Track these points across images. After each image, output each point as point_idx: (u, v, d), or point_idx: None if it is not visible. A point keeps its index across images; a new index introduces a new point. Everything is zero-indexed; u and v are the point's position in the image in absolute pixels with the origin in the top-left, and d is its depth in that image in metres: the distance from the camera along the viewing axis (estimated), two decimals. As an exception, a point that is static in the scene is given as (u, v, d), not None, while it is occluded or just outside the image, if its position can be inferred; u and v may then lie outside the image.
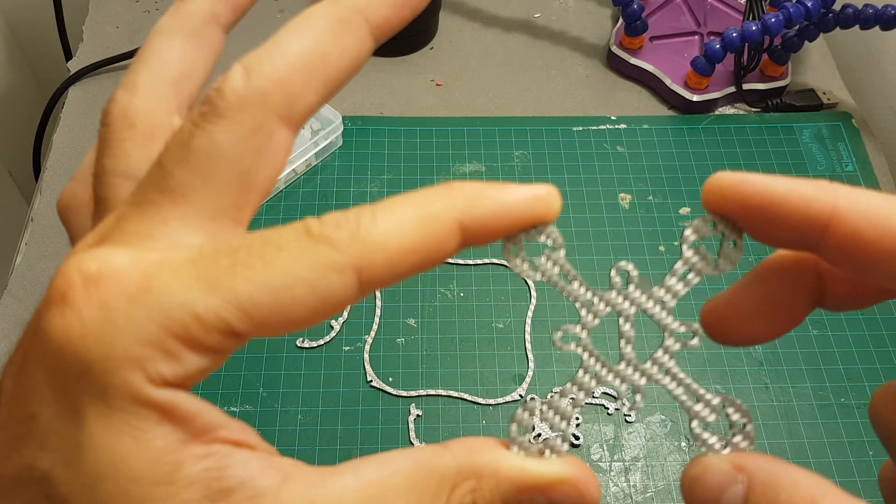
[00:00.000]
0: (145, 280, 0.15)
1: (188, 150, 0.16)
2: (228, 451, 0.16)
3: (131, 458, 0.15)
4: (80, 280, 0.15)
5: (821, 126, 0.61)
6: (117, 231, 0.17)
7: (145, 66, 0.20)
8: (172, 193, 0.16)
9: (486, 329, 0.51)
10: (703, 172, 0.59)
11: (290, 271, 0.15)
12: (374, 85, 0.63)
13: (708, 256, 0.19)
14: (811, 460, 0.46)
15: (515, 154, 0.59)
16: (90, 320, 0.15)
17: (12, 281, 0.53)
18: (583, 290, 0.19)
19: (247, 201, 0.17)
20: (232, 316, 0.15)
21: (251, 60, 0.17)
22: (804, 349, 0.50)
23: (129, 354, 0.15)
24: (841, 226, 0.17)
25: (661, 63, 0.63)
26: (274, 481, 0.16)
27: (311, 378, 0.48)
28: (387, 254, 0.16)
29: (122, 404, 0.15)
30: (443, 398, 0.48)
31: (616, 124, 0.61)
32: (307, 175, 0.57)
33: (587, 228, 0.55)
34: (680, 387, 0.19)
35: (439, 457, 0.17)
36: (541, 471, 0.18)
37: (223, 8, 0.20)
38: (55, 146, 0.59)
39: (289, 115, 0.17)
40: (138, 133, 0.19)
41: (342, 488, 0.16)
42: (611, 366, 0.19)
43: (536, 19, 0.69)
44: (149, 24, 0.66)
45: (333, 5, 0.17)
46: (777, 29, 0.56)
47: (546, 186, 0.18)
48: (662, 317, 0.19)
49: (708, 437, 0.19)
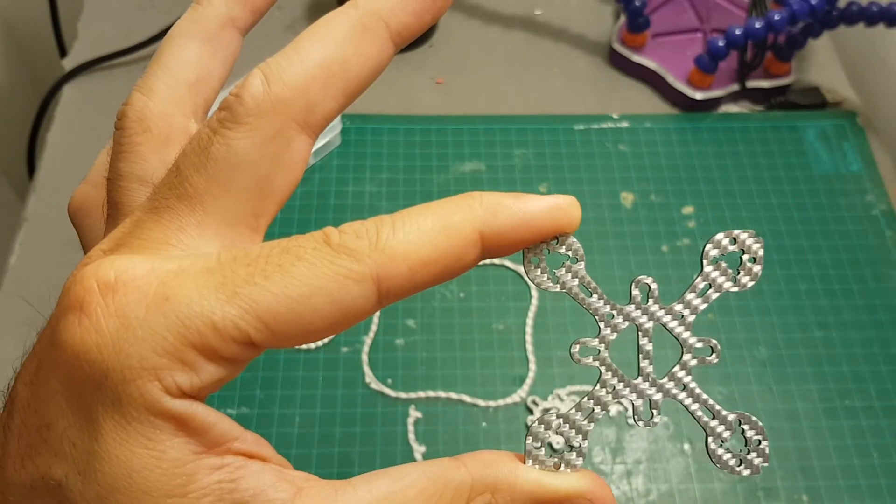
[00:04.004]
0: (163, 288, 0.15)
1: (206, 156, 0.16)
2: (242, 462, 0.16)
3: (145, 469, 0.15)
4: (98, 288, 0.15)
5: (825, 124, 0.61)
6: (134, 237, 0.16)
7: (162, 70, 0.20)
8: (190, 200, 0.16)
9: (487, 330, 0.50)
10: (707, 171, 0.58)
11: (308, 281, 0.15)
12: (373, 83, 0.62)
13: (728, 272, 0.19)
14: (815, 463, 0.46)
15: (516, 153, 0.58)
16: (107, 329, 0.15)
17: (6, 281, 0.52)
18: (602, 304, 0.19)
19: (264, 208, 0.17)
20: (250, 326, 0.15)
21: (271, 67, 0.17)
22: (808, 351, 0.50)
23: (146, 364, 0.15)
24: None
25: (663, 60, 0.62)
26: (287, 494, 0.16)
27: (309, 380, 0.48)
28: (408, 264, 0.16)
29: (137, 415, 0.15)
30: (442, 400, 0.47)
31: (618, 122, 0.60)
32: (306, 175, 0.57)
33: (589, 228, 0.55)
34: (696, 403, 0.19)
35: (454, 470, 0.17)
36: (557, 485, 0.18)
37: (240, 11, 0.20)
38: (49, 145, 0.59)
39: (307, 122, 0.17)
40: (154, 137, 0.19)
41: (356, 502, 0.16)
42: (628, 380, 0.19)
43: (537, 16, 0.68)
44: (145, 21, 0.66)
45: (354, 11, 0.17)
46: (781, 26, 0.55)
47: (567, 197, 0.18)
48: (681, 332, 0.19)
49: (723, 454, 0.19)
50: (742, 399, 0.48)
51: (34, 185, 0.57)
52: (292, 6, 0.67)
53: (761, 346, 0.50)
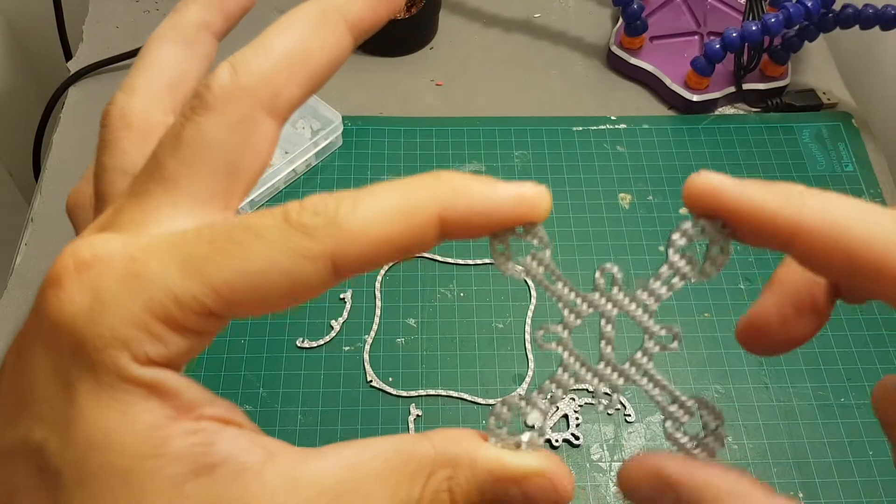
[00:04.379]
0: (132, 264, 0.16)
1: (179, 140, 0.17)
2: (216, 428, 0.16)
3: (120, 431, 0.15)
4: (74, 265, 0.16)
5: (821, 126, 0.61)
6: (114, 221, 0.18)
7: (142, 71, 0.21)
8: (165, 182, 0.17)
9: (486, 329, 0.51)
10: (703, 172, 0.59)
11: (264, 257, 0.16)
12: (373, 85, 0.63)
13: (694, 261, 0.19)
14: (811, 460, 0.46)
15: (515, 154, 0.59)
16: (81, 302, 0.16)
17: (12, 281, 0.53)
18: (566, 291, 0.19)
19: (235, 189, 0.18)
20: (209, 299, 0.16)
21: (237, 58, 0.18)
22: (804, 349, 0.50)
23: (116, 334, 0.16)
24: (803, 241, 0.17)
25: (661, 63, 0.63)
26: (258, 458, 0.16)
27: (310, 378, 0.48)
28: (364, 242, 0.16)
29: (109, 381, 0.16)
30: (443, 398, 0.48)
31: (616, 124, 0.61)
32: (307, 175, 0.57)
33: (587, 228, 0.55)
34: (656, 388, 0.20)
35: (418, 444, 0.18)
36: (517, 463, 0.18)
37: (215, 17, 0.22)
38: (55, 146, 0.59)
39: (273, 107, 0.18)
40: (135, 132, 0.20)
41: (323, 468, 0.17)
42: (590, 365, 0.20)
43: (536, 19, 0.69)
44: (149, 24, 0.66)
45: (313, 5, 0.19)
46: (777, 29, 0.56)
47: (535, 186, 0.18)
48: (644, 319, 0.19)
49: (680, 437, 0.19)
50: (738, 396, 0.48)
51: (40, 186, 0.57)
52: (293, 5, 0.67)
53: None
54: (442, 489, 0.17)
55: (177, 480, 0.16)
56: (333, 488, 0.16)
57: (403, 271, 0.53)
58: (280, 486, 0.16)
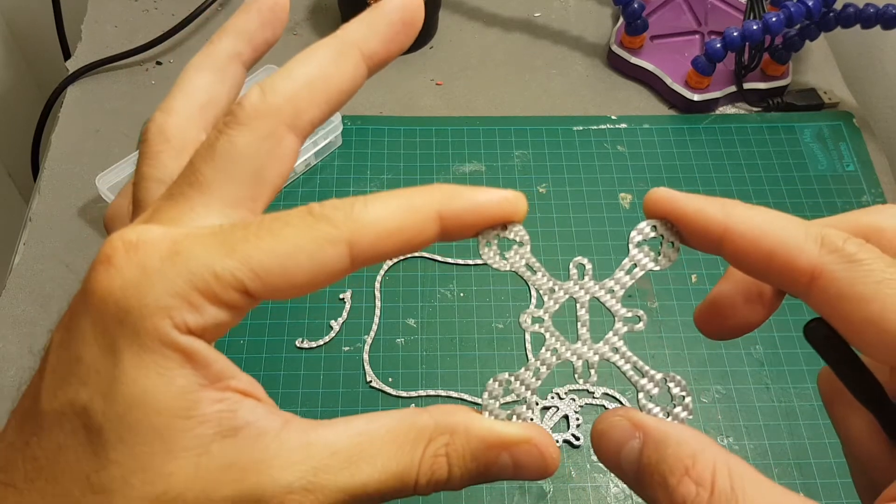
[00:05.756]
0: (175, 245, 0.18)
1: (213, 150, 0.20)
2: (239, 398, 0.19)
3: (157, 391, 0.18)
4: (122, 246, 0.18)
5: (822, 126, 0.61)
6: (153, 217, 0.20)
7: (179, 94, 0.24)
8: (200, 186, 0.20)
9: (486, 329, 0.51)
10: (704, 172, 0.59)
11: (293, 242, 0.18)
12: (373, 84, 0.63)
13: (650, 254, 0.22)
14: (812, 461, 0.46)
15: (515, 154, 0.59)
16: (129, 276, 0.18)
17: (10, 281, 0.52)
18: (545, 280, 0.23)
19: (260, 194, 0.20)
20: (245, 276, 0.18)
21: (266, 82, 0.21)
22: (805, 349, 0.50)
23: (161, 304, 0.18)
24: (731, 242, 0.21)
25: (661, 62, 0.63)
26: (276, 424, 0.19)
27: (310, 378, 0.48)
28: (375, 232, 0.19)
29: (152, 345, 0.18)
30: (442, 398, 0.48)
31: (616, 124, 0.61)
32: (307, 175, 0.57)
33: (587, 228, 0.55)
34: (627, 364, 0.22)
35: (419, 416, 0.20)
36: (507, 431, 0.21)
37: (245, 48, 0.25)
38: (54, 146, 0.59)
39: (296, 124, 0.21)
40: (172, 147, 0.23)
41: (335, 433, 0.19)
42: (569, 345, 0.23)
43: (536, 18, 0.68)
44: (148, 23, 0.66)
45: (333, 39, 0.21)
46: (778, 28, 0.56)
47: (514, 192, 0.21)
48: (613, 304, 0.23)
49: (653, 408, 0.22)
50: (739, 397, 0.48)
51: (38, 185, 0.57)
52: (294, 9, 0.67)
53: (758, 345, 0.50)
54: (440, 453, 0.20)
55: (204, 440, 0.18)
56: (345, 450, 0.19)
57: (403, 271, 0.53)
58: (296, 447, 0.18)
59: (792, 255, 0.20)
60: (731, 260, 0.21)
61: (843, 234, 0.20)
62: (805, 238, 0.20)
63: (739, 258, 0.21)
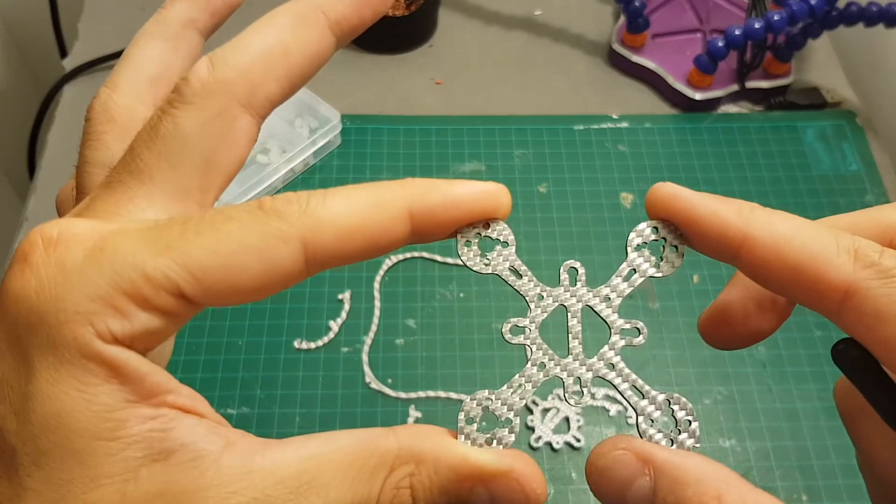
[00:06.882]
0: (101, 242, 0.16)
1: (155, 133, 0.18)
2: (175, 415, 0.16)
3: (76, 411, 0.15)
4: (42, 242, 0.16)
5: (825, 125, 0.61)
6: (87, 210, 0.18)
7: (126, 66, 0.22)
8: (140, 174, 0.17)
9: (486, 330, 0.50)
10: (706, 172, 0.58)
11: (238, 239, 0.16)
12: (372, 83, 0.63)
13: (651, 259, 0.20)
14: (814, 462, 0.46)
15: (516, 153, 0.59)
16: (46, 277, 0.16)
17: (6, 281, 0.52)
18: (532, 286, 0.20)
19: (210, 184, 0.18)
20: (180, 277, 0.16)
21: (217, 54, 0.18)
22: (807, 351, 0.50)
23: (80, 309, 0.15)
24: (750, 253, 0.18)
25: (663, 61, 0.62)
26: (216, 447, 0.16)
27: (309, 380, 0.48)
28: (334, 230, 0.16)
29: (70, 357, 0.15)
30: (442, 400, 0.47)
31: (618, 123, 0.60)
32: (305, 175, 0.57)
33: (588, 228, 0.55)
34: (625, 382, 0.19)
35: (383, 438, 0.17)
36: (483, 461, 0.17)
37: (201, 14, 0.22)
38: (50, 145, 0.59)
39: (251, 102, 0.18)
40: (117, 126, 0.20)
41: (282, 459, 0.16)
42: (558, 359, 0.20)
43: (537, 16, 0.68)
44: (144, 22, 0.66)
45: (294, 3, 0.19)
46: (780, 26, 0.55)
47: (496, 184, 0.18)
48: (608, 314, 0.20)
49: (654, 434, 0.19)
50: (741, 398, 0.48)
51: (34, 185, 0.57)
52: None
53: (760, 346, 0.50)
54: (403, 485, 0.17)
55: (131, 464, 0.15)
56: (292, 479, 0.16)
57: (403, 271, 0.53)
58: (237, 475, 0.16)
59: (822, 270, 0.17)
60: (749, 272, 0.19)
61: (876, 245, 0.17)
62: (837, 251, 0.17)
63: (758, 271, 0.18)
